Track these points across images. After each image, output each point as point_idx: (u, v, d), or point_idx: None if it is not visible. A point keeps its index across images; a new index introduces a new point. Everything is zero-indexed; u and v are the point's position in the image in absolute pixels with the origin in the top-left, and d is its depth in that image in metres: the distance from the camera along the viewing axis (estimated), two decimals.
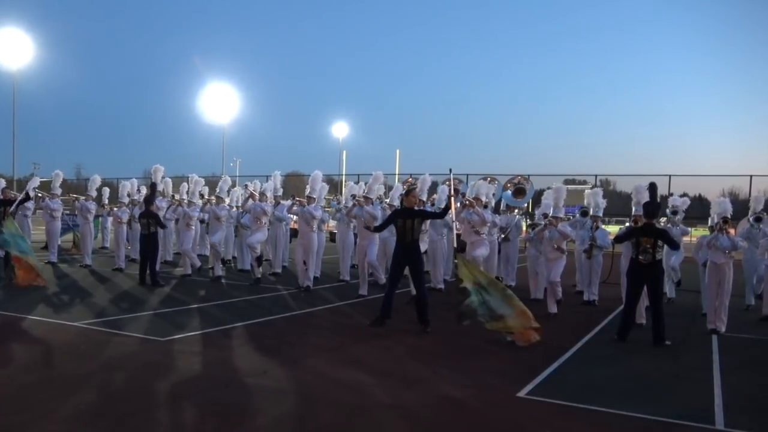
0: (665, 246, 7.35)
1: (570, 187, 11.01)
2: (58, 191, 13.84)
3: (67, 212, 16.77)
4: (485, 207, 9.99)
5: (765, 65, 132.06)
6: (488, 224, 9.48)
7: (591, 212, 10.12)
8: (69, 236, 16.99)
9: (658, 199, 7.48)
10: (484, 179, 12.50)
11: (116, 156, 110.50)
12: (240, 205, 13.05)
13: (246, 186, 13.82)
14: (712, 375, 5.82)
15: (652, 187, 7.34)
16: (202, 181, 13.56)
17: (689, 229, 11.31)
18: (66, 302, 8.75)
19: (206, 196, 12.92)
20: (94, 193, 14.15)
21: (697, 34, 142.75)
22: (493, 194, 11.33)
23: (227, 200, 12.75)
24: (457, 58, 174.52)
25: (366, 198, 10.30)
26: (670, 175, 22.01)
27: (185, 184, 14.65)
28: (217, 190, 11.90)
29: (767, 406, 5.07)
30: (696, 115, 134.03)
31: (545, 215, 9.75)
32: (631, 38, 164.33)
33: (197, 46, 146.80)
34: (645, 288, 7.26)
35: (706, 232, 9.55)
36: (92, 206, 13.59)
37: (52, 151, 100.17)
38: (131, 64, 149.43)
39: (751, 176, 22.26)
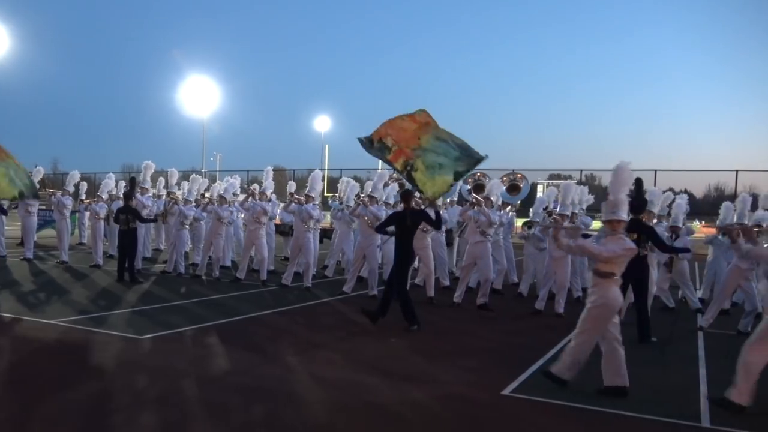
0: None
1: (554, 182, 10.94)
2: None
3: (43, 207, 16.41)
4: (500, 209, 9.73)
5: (752, 60, 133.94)
6: (494, 225, 9.19)
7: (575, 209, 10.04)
8: (45, 232, 16.62)
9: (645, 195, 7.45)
10: (481, 177, 12.31)
11: (93, 150, 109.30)
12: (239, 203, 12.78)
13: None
14: (698, 372, 5.81)
15: (638, 183, 7.27)
16: (199, 178, 13.29)
17: (691, 226, 11.13)
18: (42, 300, 8.53)
19: (207, 195, 12.59)
20: (71, 189, 13.85)
21: (685, 29, 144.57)
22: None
23: (207, 195, 12.52)
24: (440, 52, 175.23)
25: (371, 197, 10.10)
26: (655, 170, 22.11)
27: (161, 179, 14.40)
28: (222, 190, 11.63)
29: (753, 403, 5.07)
30: (682, 110, 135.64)
31: (549, 213, 9.57)
32: (617, 32, 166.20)
33: (176, 38, 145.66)
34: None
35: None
36: (68, 201, 13.31)
37: (29, 145, 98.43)
38: (109, 57, 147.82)
39: (737, 171, 22.42)
